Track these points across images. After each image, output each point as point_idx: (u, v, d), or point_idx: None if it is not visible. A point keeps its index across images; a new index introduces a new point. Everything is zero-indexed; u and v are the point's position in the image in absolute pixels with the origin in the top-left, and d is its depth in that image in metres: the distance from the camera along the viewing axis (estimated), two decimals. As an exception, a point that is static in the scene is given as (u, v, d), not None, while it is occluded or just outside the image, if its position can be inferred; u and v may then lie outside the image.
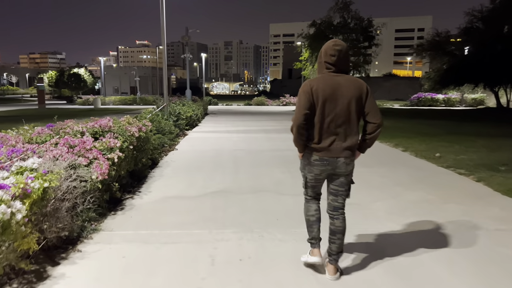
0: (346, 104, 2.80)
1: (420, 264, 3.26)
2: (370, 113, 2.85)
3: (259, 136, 11.39)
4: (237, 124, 15.54)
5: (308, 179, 3.04)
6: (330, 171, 2.93)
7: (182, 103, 15.66)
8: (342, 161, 2.88)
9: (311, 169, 2.97)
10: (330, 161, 2.88)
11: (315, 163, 2.92)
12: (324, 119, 2.82)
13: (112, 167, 4.57)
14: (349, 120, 2.83)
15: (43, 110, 32.30)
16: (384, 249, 3.52)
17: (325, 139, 2.85)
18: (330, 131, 2.84)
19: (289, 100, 37.93)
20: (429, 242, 3.68)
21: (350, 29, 28.27)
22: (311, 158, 2.93)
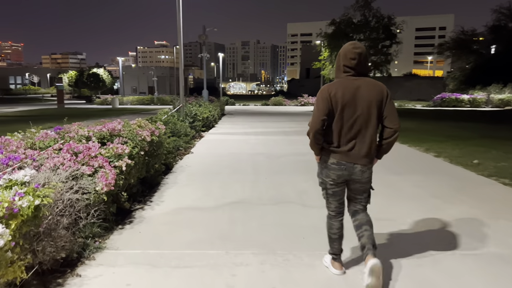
0: (366, 108, 2.74)
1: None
2: (388, 117, 2.78)
3: (278, 139, 10.86)
4: (255, 125, 15.05)
5: (328, 185, 2.96)
6: (346, 176, 2.87)
7: (198, 103, 15.25)
8: (358, 168, 2.83)
9: (328, 174, 2.91)
10: (347, 166, 2.83)
11: (332, 167, 2.86)
12: (343, 124, 2.77)
13: (120, 176, 4.13)
14: (368, 124, 2.78)
15: (62, 109, 32.51)
16: (433, 279, 2.96)
17: (345, 144, 2.81)
18: (350, 136, 2.79)
19: (307, 100, 37.29)
20: (486, 270, 3.10)
21: (371, 28, 27.43)
22: (329, 161, 2.88)
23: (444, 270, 3.15)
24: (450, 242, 3.70)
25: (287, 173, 6.68)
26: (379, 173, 6.74)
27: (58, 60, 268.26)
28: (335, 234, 3.02)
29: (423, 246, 3.58)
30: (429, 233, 3.95)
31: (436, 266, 3.22)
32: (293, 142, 10.10)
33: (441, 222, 4.25)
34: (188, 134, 9.86)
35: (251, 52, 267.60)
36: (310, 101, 37.24)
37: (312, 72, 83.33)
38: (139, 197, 5.09)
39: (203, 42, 19.94)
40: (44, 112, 27.54)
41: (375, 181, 6.05)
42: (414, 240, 3.76)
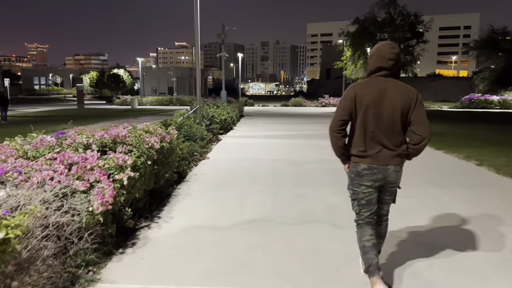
0: (392, 112, 2.63)
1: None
2: (417, 124, 2.64)
3: (300, 143, 10.15)
4: (275, 127, 14.37)
5: (360, 196, 2.77)
6: (381, 181, 2.72)
7: (216, 105, 14.69)
8: (392, 169, 2.71)
9: (361, 182, 2.74)
10: (380, 170, 2.69)
11: (364, 173, 2.71)
12: (369, 127, 2.66)
13: (121, 191, 3.53)
14: (394, 129, 2.66)
15: (81, 110, 32.61)
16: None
17: (372, 147, 2.69)
18: (376, 139, 2.67)
19: (329, 101, 36.37)
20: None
21: (396, 26, 26.35)
22: (359, 168, 2.72)
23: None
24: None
25: (312, 183, 5.98)
26: (416, 185, 5.98)
27: (81, 61, 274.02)
28: (369, 241, 2.76)
29: None
30: (496, 265, 3.19)
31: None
32: (317, 147, 9.37)
33: (507, 250, 3.48)
34: (204, 137, 9.26)
35: (271, 53, 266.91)
36: (331, 102, 36.31)
37: (332, 72, 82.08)
38: (146, 212, 4.49)
39: (222, 41, 19.38)
40: (63, 113, 27.56)
41: (414, 195, 5.18)
42: (480, 275, 3.01)
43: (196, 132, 8.91)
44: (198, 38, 11.35)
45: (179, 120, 9.11)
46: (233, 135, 11.97)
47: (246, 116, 20.41)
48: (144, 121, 15.14)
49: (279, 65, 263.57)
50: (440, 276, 3.05)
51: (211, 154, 8.52)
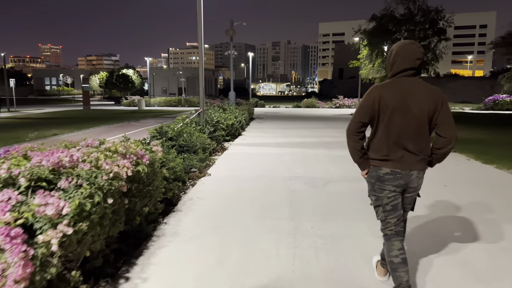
0: (419, 114, 2.47)
1: None
2: (443, 125, 2.49)
3: (320, 154, 8.71)
4: (288, 133, 12.92)
5: (385, 201, 2.59)
6: (403, 186, 2.57)
7: (223, 107, 13.32)
8: (415, 175, 2.56)
9: (383, 187, 2.57)
10: (403, 175, 2.53)
11: (386, 177, 2.55)
12: (394, 130, 2.50)
13: (50, 261, 2.16)
14: (421, 131, 2.50)
15: (86, 111, 31.63)
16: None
17: (395, 151, 2.53)
18: (401, 143, 2.51)
19: (343, 102, 34.82)
20: None
21: (416, 22, 24.65)
22: (380, 172, 2.56)
23: None
24: None
25: (341, 214, 4.54)
26: (470, 212, 4.53)
27: (93, 62, 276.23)
28: (397, 257, 2.55)
29: None
30: None
31: None
32: (340, 159, 7.91)
33: None
34: (206, 148, 7.89)
35: (282, 53, 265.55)
36: (346, 103, 34.76)
37: (345, 72, 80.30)
38: (109, 268, 3.12)
39: (230, 38, 18.03)
40: (66, 114, 26.53)
41: (467, 223, 3.60)
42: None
43: (197, 141, 7.54)
44: (201, 38, 10.01)
45: (177, 127, 7.75)
46: (241, 143, 10.57)
47: (256, 119, 19.00)
48: (146, 125, 13.79)
49: (290, 65, 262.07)
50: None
51: (213, 168, 7.13)
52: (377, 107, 2.51)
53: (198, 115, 10.01)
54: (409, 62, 2.48)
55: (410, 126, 2.48)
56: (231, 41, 18.15)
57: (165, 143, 6.78)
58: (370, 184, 2.68)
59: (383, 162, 2.55)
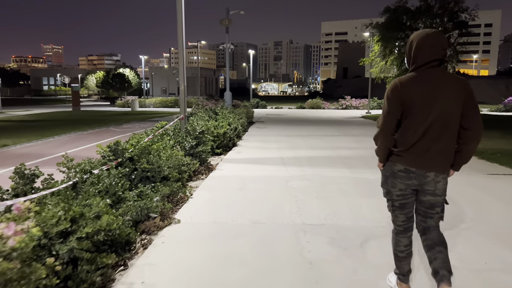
0: (447, 107, 2.30)
1: None
2: (469, 117, 2.32)
3: (340, 177, 6.35)
4: (295, 142, 10.56)
5: (395, 195, 2.51)
6: (416, 186, 2.44)
7: (215, 111, 10.97)
8: (431, 178, 2.38)
9: (394, 183, 2.48)
10: (417, 175, 2.39)
11: (399, 175, 2.44)
12: (418, 125, 2.33)
13: None
14: (448, 126, 2.32)
15: (73, 113, 29.40)
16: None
17: (416, 148, 2.36)
18: (424, 139, 2.34)
19: (350, 103, 32.40)
20: None
21: (433, 15, 22.23)
22: (395, 168, 2.45)
23: None
24: None
25: None
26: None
27: (94, 62, 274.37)
28: (403, 253, 2.60)
29: None
30: None
31: None
32: (372, 189, 5.53)
33: None
34: (183, 171, 5.57)
35: (284, 52, 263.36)
36: (353, 104, 32.34)
37: (350, 71, 77.73)
38: None
39: (226, 29, 15.68)
40: (51, 117, 24.28)
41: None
42: None
43: (168, 163, 5.22)
44: (182, 35, 7.70)
45: (143, 143, 5.42)
46: (234, 158, 8.22)
47: (256, 123, 16.61)
48: (127, 131, 11.31)
49: (292, 65, 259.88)
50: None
51: (187, 208, 4.77)
52: (403, 100, 2.32)
53: (178, 124, 7.69)
54: (435, 54, 2.30)
55: (435, 122, 2.30)
56: (227, 32, 15.82)
57: (117, 169, 4.45)
58: (384, 177, 2.56)
59: (398, 158, 2.42)
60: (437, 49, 2.29)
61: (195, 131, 6.81)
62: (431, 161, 2.34)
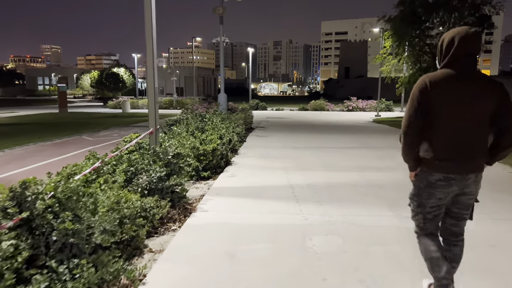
0: (481, 110, 2.20)
1: None
2: (507, 118, 2.20)
3: (385, 229, 4.10)
4: (305, 159, 8.35)
5: (427, 210, 2.36)
6: (456, 191, 2.30)
7: (204, 118, 8.76)
8: (472, 179, 2.28)
9: (432, 194, 2.31)
10: (458, 180, 2.25)
11: (438, 184, 2.27)
12: (451, 126, 2.21)
13: None
14: (482, 130, 2.25)
15: (58, 115, 27.26)
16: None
17: (451, 152, 2.22)
18: (459, 142, 2.22)
19: (356, 105, 30.25)
20: None
21: (452, 8, 20.03)
22: (432, 178, 2.28)
23: None
24: None
25: None
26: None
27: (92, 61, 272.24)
28: (436, 252, 2.36)
29: None
30: None
31: None
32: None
33: None
34: (139, 225, 3.40)
35: (283, 52, 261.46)
36: (360, 105, 30.18)
37: (352, 71, 75.50)
38: None
39: (220, 18, 13.45)
40: (32, 119, 22.08)
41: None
42: None
43: (106, 219, 3.04)
44: (153, 40, 5.56)
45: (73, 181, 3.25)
46: (226, 186, 6.01)
47: (256, 130, 14.39)
48: (103, 141, 8.68)
49: (292, 64, 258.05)
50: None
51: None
52: (429, 98, 2.19)
53: (144, 142, 5.52)
54: (470, 48, 2.20)
55: (470, 122, 2.20)
56: (221, 23, 13.61)
57: None
58: (417, 188, 2.38)
59: (435, 166, 2.24)
60: (472, 43, 2.19)
61: (167, 155, 4.61)
62: (470, 163, 2.22)
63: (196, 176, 6.38)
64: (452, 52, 2.21)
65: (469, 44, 2.20)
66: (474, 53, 2.23)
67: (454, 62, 2.21)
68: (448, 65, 2.24)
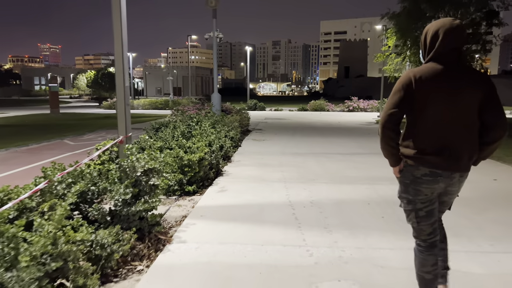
0: (464, 102, 2.12)
1: None
2: (493, 113, 2.13)
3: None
4: (307, 168, 7.37)
5: (418, 206, 2.25)
6: (441, 189, 2.24)
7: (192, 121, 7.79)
8: (457, 178, 2.21)
9: (419, 189, 2.22)
10: (444, 176, 2.17)
11: (425, 180, 2.19)
12: (436, 122, 2.14)
13: None
14: (470, 126, 2.16)
15: (51, 116, 26.30)
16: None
17: (439, 147, 2.14)
18: (444, 138, 2.14)
19: (358, 105, 29.29)
20: None
21: (459, 3, 19.09)
22: (417, 173, 2.20)
23: None
24: None
25: None
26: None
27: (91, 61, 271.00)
28: (430, 274, 2.28)
29: None
30: None
31: None
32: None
33: None
34: (85, 277, 2.43)
35: (282, 52, 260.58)
36: (361, 105, 29.23)
37: (352, 71, 74.50)
38: None
39: (213, 12, 12.39)
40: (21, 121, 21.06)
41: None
42: None
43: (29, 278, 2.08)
44: (122, 40, 4.61)
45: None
46: (214, 204, 5.04)
47: (253, 132, 13.44)
48: (83, 146, 8.24)
49: (290, 64, 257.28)
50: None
51: None
52: (412, 92, 2.13)
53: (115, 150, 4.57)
54: (456, 41, 2.12)
55: (457, 117, 2.12)
56: (214, 17, 12.58)
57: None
58: (403, 185, 2.30)
59: (421, 160, 2.16)
60: (458, 36, 2.12)
61: (135, 172, 3.65)
62: (456, 162, 2.14)
63: (180, 190, 5.43)
64: (438, 46, 2.14)
65: (454, 37, 2.12)
66: (460, 46, 2.16)
67: (440, 56, 2.14)
68: (433, 59, 2.17)
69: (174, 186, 5.37)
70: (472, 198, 5.24)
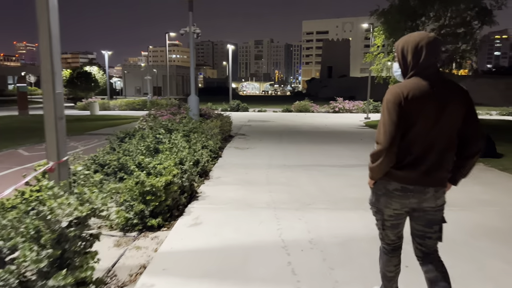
0: (447, 117, 2.08)
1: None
2: (472, 129, 2.11)
3: None
4: (300, 186, 6.22)
5: (386, 216, 2.26)
6: (413, 205, 2.18)
7: (159, 133, 6.55)
8: (431, 193, 2.14)
9: (389, 202, 2.20)
10: (416, 192, 2.12)
11: (395, 194, 2.16)
12: (417, 137, 2.09)
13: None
14: (448, 139, 2.11)
15: (19, 118, 24.49)
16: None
17: (414, 163, 2.10)
18: (423, 153, 2.10)
19: (343, 106, 28.44)
20: None
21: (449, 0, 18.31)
22: (389, 187, 2.17)
23: None
24: None
25: None
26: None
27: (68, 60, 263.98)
28: (392, 272, 2.43)
29: None
30: None
31: None
32: None
33: None
34: None
35: (265, 51, 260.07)
36: (346, 106, 28.38)
37: (335, 71, 74.00)
38: None
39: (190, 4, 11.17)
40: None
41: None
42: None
43: None
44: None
45: None
46: (181, 249, 3.81)
47: (236, 138, 12.24)
48: (42, 156, 7.02)
49: (273, 64, 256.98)
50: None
51: None
52: (404, 111, 2.06)
53: None
54: (434, 56, 2.10)
55: (440, 134, 2.08)
56: (190, 10, 11.33)
57: None
58: (375, 195, 2.28)
59: (393, 175, 2.13)
60: (436, 51, 2.10)
61: (58, 222, 2.46)
62: (431, 175, 2.09)
63: (141, 225, 4.22)
64: (423, 61, 2.09)
65: (435, 50, 2.11)
66: (438, 60, 2.16)
67: (424, 71, 2.10)
68: (416, 74, 2.11)
69: (134, 220, 4.16)
70: (503, 228, 4.22)
